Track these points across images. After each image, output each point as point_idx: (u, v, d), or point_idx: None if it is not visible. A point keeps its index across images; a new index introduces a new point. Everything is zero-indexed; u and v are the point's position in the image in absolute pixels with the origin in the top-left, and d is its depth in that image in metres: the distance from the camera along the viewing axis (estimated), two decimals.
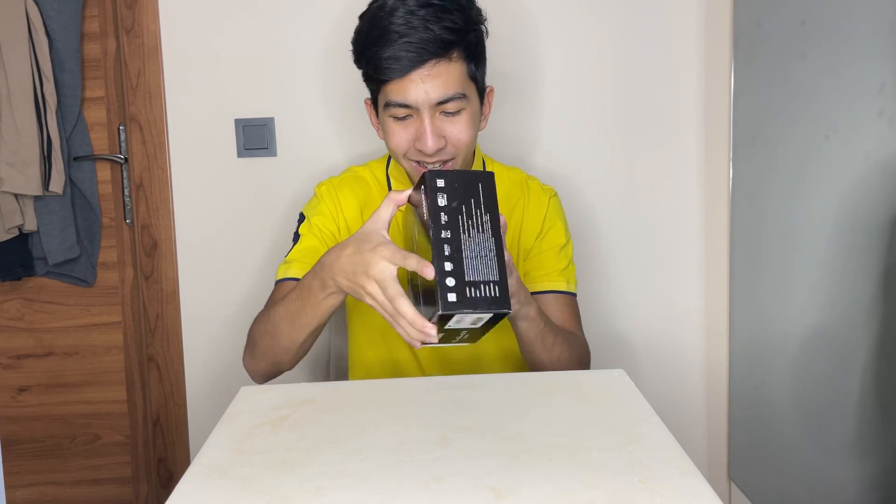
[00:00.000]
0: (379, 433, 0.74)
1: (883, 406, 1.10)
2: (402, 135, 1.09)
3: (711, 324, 1.70)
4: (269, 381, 1.08)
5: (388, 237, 0.87)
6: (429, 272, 0.77)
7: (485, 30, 1.12)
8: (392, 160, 1.23)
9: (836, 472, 1.22)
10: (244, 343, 1.06)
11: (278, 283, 1.16)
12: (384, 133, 1.13)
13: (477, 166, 1.22)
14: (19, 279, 1.68)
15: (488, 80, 1.17)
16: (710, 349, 1.71)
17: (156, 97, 1.64)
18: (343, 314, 1.33)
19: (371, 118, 1.18)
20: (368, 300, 0.86)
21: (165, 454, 1.75)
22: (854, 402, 1.17)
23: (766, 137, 1.41)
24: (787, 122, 1.33)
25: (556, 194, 1.28)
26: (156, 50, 1.63)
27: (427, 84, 1.04)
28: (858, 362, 1.15)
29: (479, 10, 1.10)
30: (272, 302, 1.13)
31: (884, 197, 1.07)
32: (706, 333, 1.72)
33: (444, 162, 1.10)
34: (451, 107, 1.07)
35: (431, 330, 0.79)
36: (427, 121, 1.06)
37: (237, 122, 1.64)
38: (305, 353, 1.06)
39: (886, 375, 1.09)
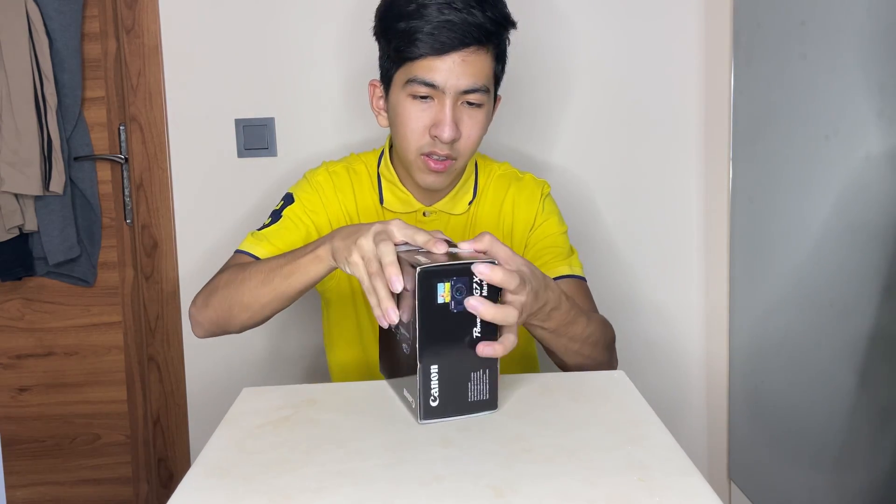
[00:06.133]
0: (380, 433, 0.75)
1: (882, 406, 1.10)
2: (419, 117, 1.03)
3: (711, 324, 1.70)
4: (266, 381, 1.06)
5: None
6: (440, 247, 0.75)
7: (508, 38, 1.08)
8: (384, 159, 1.18)
9: (835, 472, 1.22)
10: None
11: (238, 252, 1.10)
12: (397, 115, 1.05)
13: (469, 163, 1.20)
14: (19, 279, 1.68)
15: None
16: (710, 349, 1.71)
17: (156, 97, 1.64)
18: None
19: (373, 102, 1.11)
20: (355, 256, 0.79)
21: (165, 454, 1.75)
22: (853, 402, 1.17)
23: (766, 137, 1.41)
24: (787, 122, 1.33)
25: (549, 192, 1.25)
26: (156, 50, 1.63)
27: (459, 69, 1.00)
28: (858, 362, 1.15)
29: (510, 14, 1.06)
30: (226, 267, 1.06)
31: (883, 197, 1.07)
32: (706, 333, 1.72)
33: (447, 158, 1.05)
34: (474, 98, 1.03)
35: (394, 315, 0.74)
36: (449, 108, 1.01)
37: (237, 122, 1.64)
38: (258, 322, 0.99)
39: (886, 375, 1.09)
